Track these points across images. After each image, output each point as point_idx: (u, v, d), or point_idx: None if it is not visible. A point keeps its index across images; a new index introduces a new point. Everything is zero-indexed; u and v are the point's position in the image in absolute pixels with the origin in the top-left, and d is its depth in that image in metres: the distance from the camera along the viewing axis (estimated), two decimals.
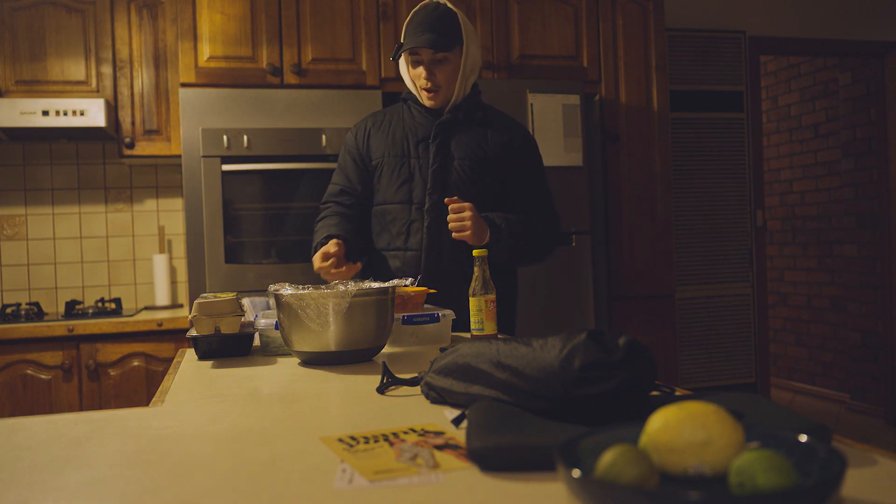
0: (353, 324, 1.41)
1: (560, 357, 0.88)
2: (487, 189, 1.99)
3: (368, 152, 2.04)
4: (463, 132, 1.99)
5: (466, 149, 1.97)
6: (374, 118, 2.09)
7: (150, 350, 2.83)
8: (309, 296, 1.41)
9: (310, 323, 1.40)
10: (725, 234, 4.00)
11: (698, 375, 3.90)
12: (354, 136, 2.08)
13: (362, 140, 2.06)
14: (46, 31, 3.02)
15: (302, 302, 1.41)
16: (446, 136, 1.97)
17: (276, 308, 1.48)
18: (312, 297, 1.41)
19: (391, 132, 2.03)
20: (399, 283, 1.58)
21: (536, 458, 0.75)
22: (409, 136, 2.00)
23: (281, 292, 1.45)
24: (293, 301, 1.42)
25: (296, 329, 1.43)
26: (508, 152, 2.01)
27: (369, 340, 1.46)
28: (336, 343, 1.42)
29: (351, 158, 2.06)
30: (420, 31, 1.89)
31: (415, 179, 1.97)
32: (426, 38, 1.88)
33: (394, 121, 2.05)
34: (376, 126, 2.06)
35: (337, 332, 1.41)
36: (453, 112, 1.99)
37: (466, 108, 2.00)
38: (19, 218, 3.30)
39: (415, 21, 1.93)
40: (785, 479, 0.56)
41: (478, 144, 1.99)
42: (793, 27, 4.16)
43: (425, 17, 1.91)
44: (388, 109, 2.11)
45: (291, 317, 1.42)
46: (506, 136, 2.03)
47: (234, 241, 2.77)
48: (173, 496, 0.73)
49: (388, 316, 1.49)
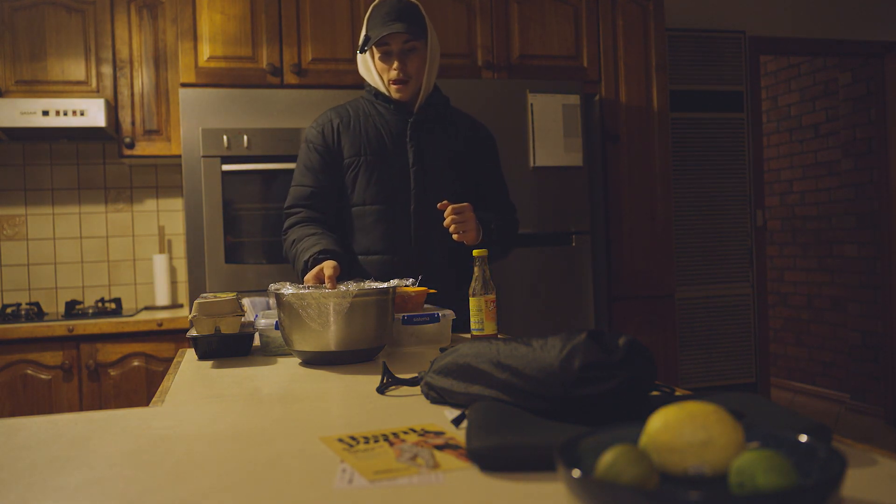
0: (354, 324, 1.42)
1: (560, 357, 0.88)
2: (465, 187, 1.98)
3: (340, 150, 1.94)
4: (435, 132, 1.97)
5: (443, 147, 1.97)
6: (337, 113, 1.98)
7: (150, 350, 2.83)
8: (310, 295, 1.41)
9: (311, 322, 1.40)
10: (725, 234, 4.00)
11: (698, 375, 3.90)
12: (321, 133, 1.96)
13: (331, 136, 1.95)
14: (46, 31, 3.02)
15: (303, 301, 1.41)
16: (421, 135, 1.95)
17: (277, 307, 1.48)
18: (314, 296, 1.41)
19: (363, 130, 1.94)
20: (400, 283, 1.58)
21: (536, 458, 0.75)
22: (383, 134, 1.94)
23: (282, 292, 1.45)
24: (294, 301, 1.42)
25: (296, 329, 1.43)
26: (476, 149, 2.02)
27: (370, 340, 1.46)
28: (337, 343, 1.42)
29: (319, 156, 1.94)
30: (388, 20, 1.85)
31: (396, 180, 1.92)
32: (398, 25, 1.84)
33: (361, 117, 1.96)
34: (344, 123, 1.96)
35: (338, 331, 1.41)
36: (424, 110, 1.96)
37: (436, 106, 1.98)
38: (19, 218, 3.30)
39: (380, 12, 1.88)
40: (785, 479, 0.56)
41: (452, 143, 1.99)
42: (793, 27, 4.16)
43: (391, 7, 1.87)
44: (349, 105, 2.01)
45: (292, 316, 1.43)
46: (472, 134, 2.03)
47: (234, 241, 2.77)
48: (173, 496, 0.73)
49: (388, 316, 1.49)
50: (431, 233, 1.91)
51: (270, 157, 2.80)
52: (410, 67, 1.91)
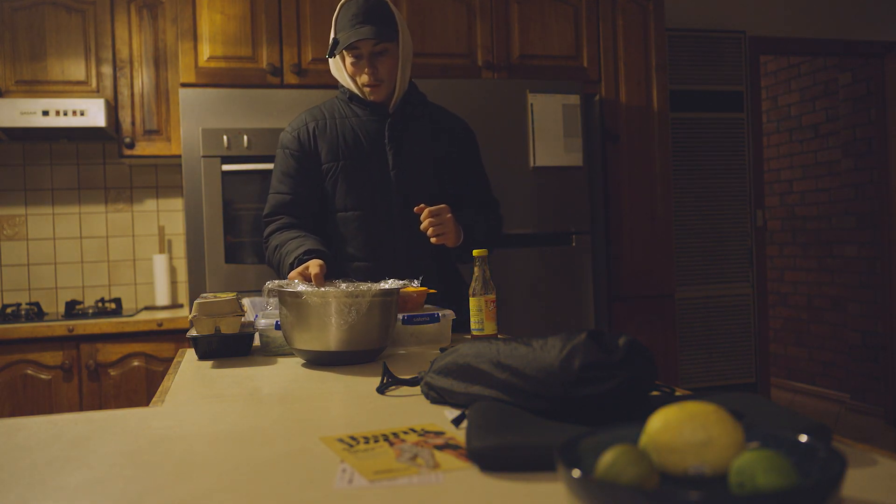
0: (357, 324, 1.39)
1: (560, 357, 0.88)
2: (445, 186, 1.94)
3: (317, 153, 1.89)
4: (414, 131, 1.92)
5: (422, 148, 1.92)
6: (311, 116, 1.93)
7: (150, 350, 2.83)
8: (313, 294, 1.39)
9: (313, 322, 1.38)
10: (725, 234, 4.00)
11: (698, 375, 3.90)
12: (297, 137, 1.90)
13: (307, 141, 1.89)
14: (46, 31, 3.02)
15: (305, 300, 1.39)
16: (399, 136, 1.90)
17: (279, 305, 1.47)
18: (318, 294, 1.39)
19: (340, 133, 1.89)
20: (405, 284, 1.57)
21: (536, 458, 0.75)
22: (360, 136, 1.89)
23: (286, 289, 1.43)
24: (296, 299, 1.40)
25: (298, 328, 1.41)
26: (456, 145, 1.98)
27: (373, 342, 1.44)
28: (339, 343, 1.40)
29: (296, 162, 1.89)
30: (356, 23, 1.78)
31: (376, 184, 1.88)
32: (366, 29, 1.77)
33: (336, 120, 1.91)
34: (319, 126, 1.90)
35: (340, 332, 1.39)
36: (401, 109, 1.91)
37: (412, 106, 1.93)
38: (19, 218, 3.30)
39: (348, 14, 1.80)
40: (785, 479, 0.56)
41: (431, 142, 1.94)
42: (793, 27, 4.16)
43: (359, 8, 1.79)
44: (322, 106, 1.96)
45: (294, 315, 1.41)
46: (451, 130, 1.99)
47: (234, 241, 2.77)
48: (173, 496, 0.73)
49: (392, 317, 1.48)
50: (416, 235, 1.83)
51: (270, 158, 2.78)
52: (382, 71, 1.84)
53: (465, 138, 2.01)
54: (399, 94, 1.90)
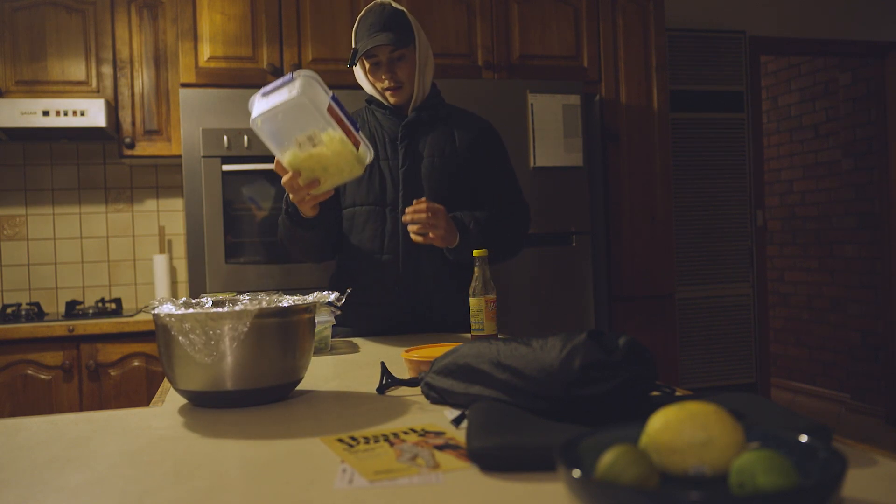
0: (255, 354, 1.07)
1: (560, 357, 0.88)
2: (458, 187, 1.95)
3: None
4: (429, 132, 1.96)
5: (434, 148, 1.94)
6: None
7: (150, 350, 2.83)
8: (194, 317, 1.06)
9: (196, 354, 1.06)
10: (725, 234, 4.00)
11: (698, 375, 3.90)
12: None
13: None
14: (46, 31, 3.02)
15: (185, 325, 1.06)
16: (414, 137, 1.94)
17: (156, 333, 1.14)
18: (199, 318, 1.06)
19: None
20: (321, 297, 1.27)
21: (536, 459, 0.75)
22: (376, 138, 1.94)
23: (157, 311, 1.10)
24: (173, 324, 1.07)
25: (178, 361, 1.08)
26: (475, 148, 1.98)
27: (278, 375, 1.12)
28: (233, 380, 1.08)
29: None
30: (373, 31, 1.86)
31: (386, 181, 1.91)
32: (382, 37, 1.84)
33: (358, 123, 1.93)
34: None
35: (234, 364, 1.07)
36: (418, 112, 1.95)
37: (430, 108, 1.97)
38: (19, 218, 3.30)
39: (365, 24, 1.88)
40: (785, 479, 0.56)
41: (445, 143, 1.96)
42: (793, 27, 4.16)
43: (376, 18, 1.87)
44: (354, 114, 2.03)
45: (172, 345, 1.08)
46: (471, 132, 1.99)
47: (234, 241, 2.77)
48: (173, 496, 0.73)
49: (306, 341, 1.16)
50: None
51: (271, 158, 2.77)
52: (401, 75, 1.91)
53: (487, 140, 2.02)
54: (418, 97, 1.95)
